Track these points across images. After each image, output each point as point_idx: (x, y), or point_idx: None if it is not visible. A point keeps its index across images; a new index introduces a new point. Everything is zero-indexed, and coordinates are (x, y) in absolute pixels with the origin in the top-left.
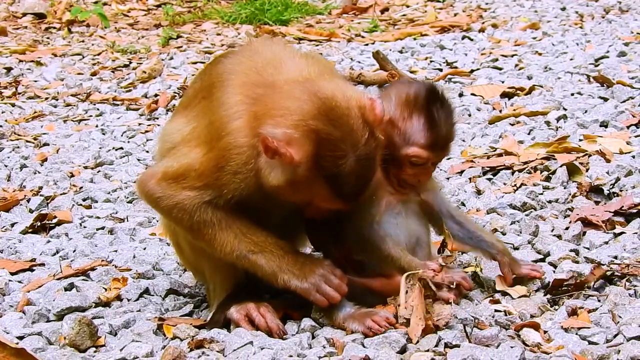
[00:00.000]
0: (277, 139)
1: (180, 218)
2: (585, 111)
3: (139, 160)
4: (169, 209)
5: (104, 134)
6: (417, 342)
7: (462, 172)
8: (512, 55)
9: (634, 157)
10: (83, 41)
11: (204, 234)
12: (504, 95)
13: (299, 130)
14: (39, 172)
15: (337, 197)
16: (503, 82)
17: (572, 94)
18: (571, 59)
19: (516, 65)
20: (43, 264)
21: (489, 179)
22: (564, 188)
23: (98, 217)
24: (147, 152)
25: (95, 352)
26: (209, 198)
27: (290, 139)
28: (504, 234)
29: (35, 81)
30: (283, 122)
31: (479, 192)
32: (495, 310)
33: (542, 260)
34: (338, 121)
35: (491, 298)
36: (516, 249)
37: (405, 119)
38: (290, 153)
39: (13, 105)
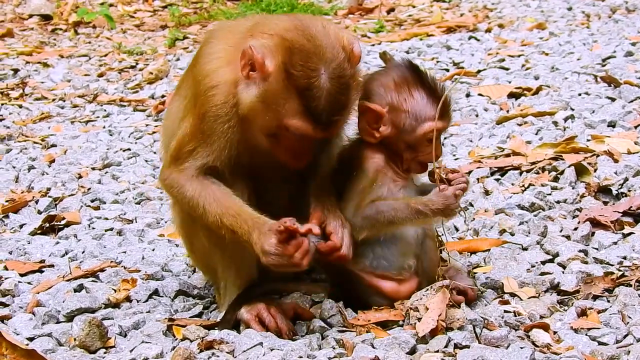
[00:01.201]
0: (255, 51)
1: (179, 196)
2: (593, 111)
3: (146, 161)
4: (174, 191)
5: (111, 135)
6: (423, 337)
7: (470, 172)
8: (519, 56)
9: None
10: (89, 42)
11: (197, 212)
12: (511, 95)
13: (274, 40)
14: (47, 174)
15: (308, 115)
16: (510, 82)
17: (580, 94)
18: (578, 59)
19: (523, 66)
20: (52, 265)
21: (497, 180)
22: (572, 188)
23: (106, 219)
24: (155, 153)
25: (105, 353)
26: (201, 161)
27: (265, 49)
28: (512, 234)
29: (42, 82)
30: (261, 36)
31: (487, 193)
32: (505, 311)
33: (551, 260)
34: (313, 37)
35: (500, 299)
36: (525, 249)
37: (407, 99)
38: (264, 60)
39: (20, 106)
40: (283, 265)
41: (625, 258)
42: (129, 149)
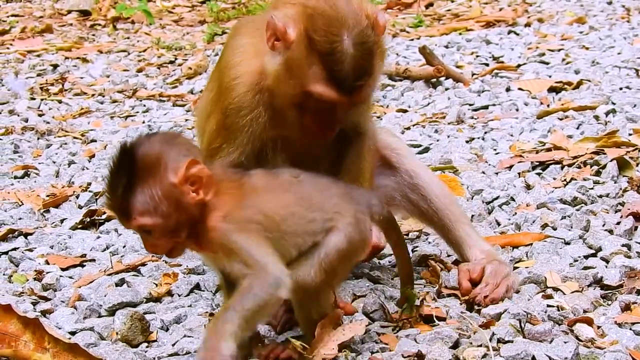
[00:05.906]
0: (277, 20)
1: None
2: (634, 105)
3: None
4: None
5: (151, 130)
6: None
7: (511, 167)
8: (559, 50)
9: None
10: (128, 38)
11: None
12: (552, 89)
13: (296, 9)
14: (87, 168)
15: (332, 81)
16: (550, 76)
17: (621, 88)
18: (619, 53)
19: (563, 60)
20: (93, 260)
21: (539, 174)
22: (615, 182)
23: None
24: None
25: (147, 347)
26: (228, 158)
27: (288, 17)
28: (554, 228)
29: (82, 78)
30: (284, 6)
31: (528, 187)
32: (548, 306)
33: (594, 255)
34: (335, 4)
35: (543, 293)
36: (567, 243)
37: None
38: (286, 28)
39: (60, 102)
40: None
41: None
42: None
